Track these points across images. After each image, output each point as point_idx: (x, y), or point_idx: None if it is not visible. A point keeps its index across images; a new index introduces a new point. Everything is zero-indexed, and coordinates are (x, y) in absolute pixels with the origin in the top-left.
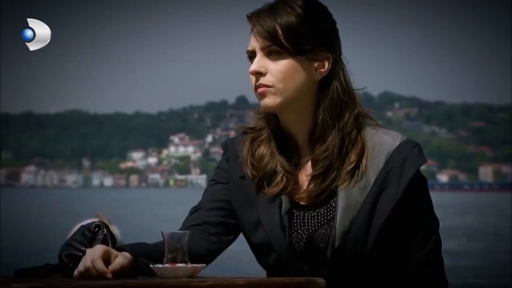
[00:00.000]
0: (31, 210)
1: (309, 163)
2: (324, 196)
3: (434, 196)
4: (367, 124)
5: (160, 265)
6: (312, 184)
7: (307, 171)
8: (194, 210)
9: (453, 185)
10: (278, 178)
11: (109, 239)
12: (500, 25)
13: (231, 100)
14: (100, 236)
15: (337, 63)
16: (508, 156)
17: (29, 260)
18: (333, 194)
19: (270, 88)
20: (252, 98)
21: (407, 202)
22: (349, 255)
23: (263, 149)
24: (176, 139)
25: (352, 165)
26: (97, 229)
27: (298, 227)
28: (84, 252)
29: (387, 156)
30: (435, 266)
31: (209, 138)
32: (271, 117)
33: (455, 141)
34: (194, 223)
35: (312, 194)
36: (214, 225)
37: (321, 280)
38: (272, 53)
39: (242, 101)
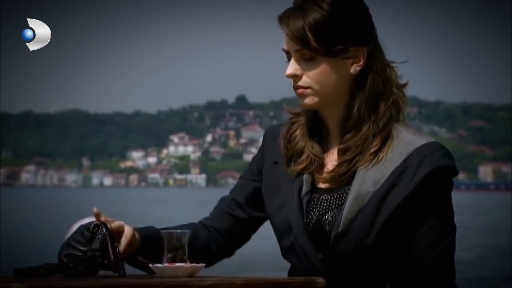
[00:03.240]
0: (30, 210)
1: (337, 150)
2: (345, 178)
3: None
4: (400, 119)
5: (160, 265)
6: (337, 168)
7: (333, 157)
8: (214, 208)
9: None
10: (304, 157)
11: (109, 239)
12: (500, 25)
13: (231, 99)
14: (99, 235)
15: (373, 54)
16: (508, 155)
17: (28, 259)
18: (353, 177)
19: (307, 90)
20: (252, 98)
21: (419, 200)
22: (351, 242)
23: (297, 132)
24: (175, 138)
25: (375, 148)
26: (96, 228)
27: (314, 210)
28: (83, 252)
29: (408, 153)
30: (444, 270)
31: (209, 138)
32: None
33: (454, 141)
34: (206, 224)
35: (335, 176)
36: (220, 232)
37: (320, 280)
38: (306, 55)
39: (242, 100)
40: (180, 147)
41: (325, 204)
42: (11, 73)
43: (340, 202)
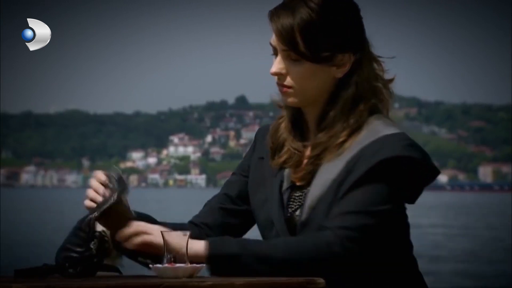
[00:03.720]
0: (30, 210)
1: (310, 146)
2: (312, 173)
3: (435, 195)
4: (380, 115)
5: (160, 265)
6: (306, 165)
7: (307, 154)
8: (204, 206)
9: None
10: (284, 150)
11: (106, 236)
12: (500, 25)
13: (231, 100)
14: (96, 233)
15: (360, 59)
16: (507, 155)
17: (28, 260)
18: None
19: (290, 90)
20: (252, 98)
21: (364, 183)
22: (314, 229)
23: (283, 124)
24: (175, 139)
25: (341, 139)
26: (88, 228)
27: (292, 204)
28: (80, 253)
29: (369, 142)
30: (345, 229)
31: (209, 138)
32: None
33: (454, 141)
34: (196, 222)
35: (305, 173)
36: (212, 227)
37: (320, 280)
38: (292, 55)
39: (241, 101)
40: (180, 147)
41: (297, 201)
42: (11, 73)
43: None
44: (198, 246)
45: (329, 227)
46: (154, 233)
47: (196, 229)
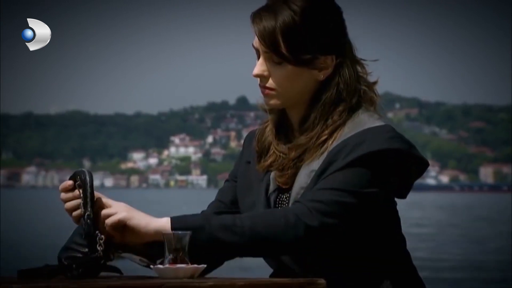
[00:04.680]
0: (32, 211)
1: (292, 148)
2: (294, 175)
3: (437, 195)
4: (364, 108)
5: (161, 266)
6: (288, 168)
7: (291, 156)
8: (202, 212)
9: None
10: (270, 153)
11: (93, 229)
12: (501, 26)
13: (232, 100)
14: (102, 235)
15: (342, 62)
16: (508, 156)
17: (30, 260)
18: None
19: (272, 92)
20: (253, 99)
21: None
22: None
23: (268, 128)
24: (176, 139)
25: (322, 139)
26: (92, 229)
27: (279, 207)
28: (84, 254)
29: (352, 133)
30: (319, 203)
31: (210, 139)
32: None
33: (455, 142)
34: None
35: (288, 176)
36: None
37: (321, 281)
38: (274, 58)
39: (242, 101)
40: (181, 148)
41: (286, 203)
42: (11, 73)
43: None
44: (163, 221)
45: (301, 201)
46: (118, 211)
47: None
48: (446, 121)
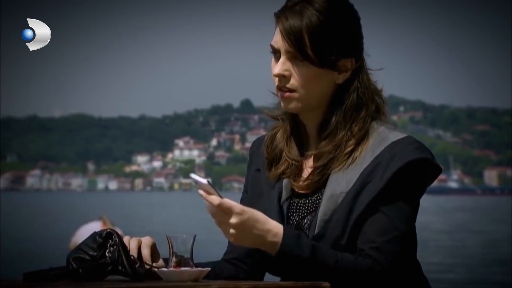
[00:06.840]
0: (36, 214)
1: (313, 156)
2: (320, 182)
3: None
4: (380, 120)
5: (165, 269)
6: (311, 175)
7: (309, 163)
8: None
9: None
10: (282, 161)
11: (121, 247)
12: (505, 29)
13: (236, 103)
14: (113, 242)
15: (361, 66)
16: None
17: (34, 263)
18: (327, 180)
19: (293, 94)
20: (257, 102)
21: (388, 195)
22: (327, 243)
23: (278, 135)
24: (180, 142)
25: (349, 148)
26: (108, 236)
27: (294, 215)
28: (91, 257)
29: (380, 150)
30: (393, 255)
31: (214, 142)
32: None
33: (459, 145)
34: (227, 259)
35: (310, 183)
36: (241, 259)
37: (326, 284)
38: (296, 57)
39: (247, 104)
40: (185, 151)
41: (303, 208)
42: (15, 77)
43: (316, 205)
44: (273, 241)
45: (370, 255)
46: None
47: (230, 267)
48: (450, 124)
